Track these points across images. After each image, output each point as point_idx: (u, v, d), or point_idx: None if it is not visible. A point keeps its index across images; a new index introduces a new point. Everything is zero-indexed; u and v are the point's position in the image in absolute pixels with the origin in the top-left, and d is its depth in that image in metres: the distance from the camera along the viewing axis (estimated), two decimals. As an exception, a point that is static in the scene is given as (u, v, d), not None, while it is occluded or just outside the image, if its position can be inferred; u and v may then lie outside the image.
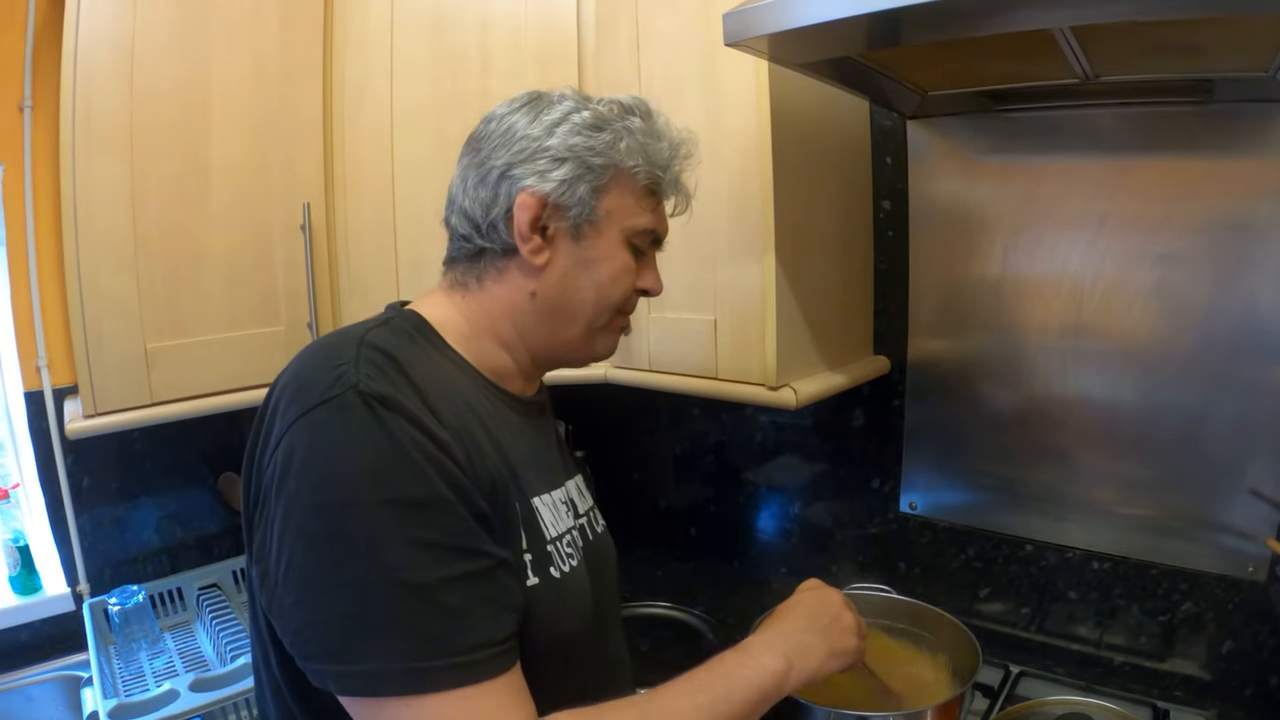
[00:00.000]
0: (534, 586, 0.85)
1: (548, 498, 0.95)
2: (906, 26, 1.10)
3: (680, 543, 2.30)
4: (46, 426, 1.81)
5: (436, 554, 0.73)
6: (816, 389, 1.53)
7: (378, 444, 0.74)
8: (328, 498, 0.73)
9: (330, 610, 0.72)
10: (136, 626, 1.76)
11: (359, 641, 0.71)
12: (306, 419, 0.75)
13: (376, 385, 0.76)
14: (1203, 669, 1.51)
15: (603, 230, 0.94)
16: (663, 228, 1.02)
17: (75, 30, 1.46)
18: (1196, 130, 1.42)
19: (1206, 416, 1.46)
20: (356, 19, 1.72)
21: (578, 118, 0.93)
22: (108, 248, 1.51)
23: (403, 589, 0.71)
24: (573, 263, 0.94)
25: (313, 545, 0.73)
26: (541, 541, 0.89)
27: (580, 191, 0.92)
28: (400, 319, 0.92)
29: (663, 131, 0.98)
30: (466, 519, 0.76)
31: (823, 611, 1.02)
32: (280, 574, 0.75)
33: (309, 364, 0.81)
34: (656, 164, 0.96)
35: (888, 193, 1.77)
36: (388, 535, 0.72)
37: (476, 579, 0.75)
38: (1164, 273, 1.47)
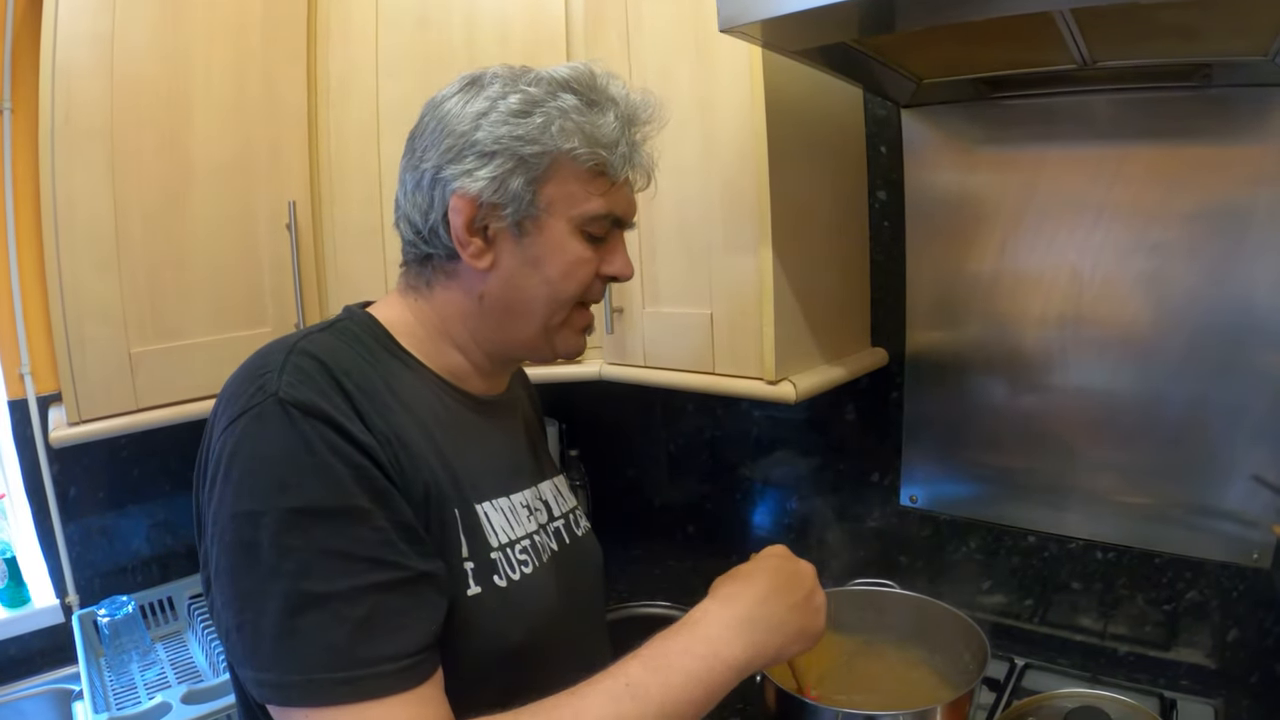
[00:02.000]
0: (475, 596, 0.82)
1: (503, 502, 0.92)
2: (907, 9, 1.08)
3: (677, 540, 2.28)
4: (31, 435, 1.78)
5: (345, 564, 0.71)
6: (815, 382, 1.51)
7: (291, 452, 0.72)
8: (242, 506, 0.72)
9: (243, 616, 0.71)
10: (127, 638, 1.73)
11: (267, 649, 0.70)
12: (231, 428, 0.74)
13: (296, 392, 0.74)
14: (1208, 657, 1.50)
15: (546, 224, 0.88)
16: (621, 208, 0.94)
17: (54, 29, 1.43)
18: (1194, 115, 1.40)
19: (1208, 404, 1.45)
20: (340, 13, 1.70)
21: (504, 105, 0.86)
22: (89, 251, 1.49)
23: (305, 599, 0.70)
24: (519, 261, 0.89)
25: (230, 553, 0.72)
26: (485, 549, 0.86)
27: (514, 186, 0.86)
28: (350, 321, 0.91)
29: (607, 104, 0.90)
30: (384, 529, 0.74)
31: (796, 587, 0.91)
32: (212, 580, 0.75)
33: (240, 373, 0.80)
34: (600, 143, 0.88)
35: (883, 183, 1.75)
36: (292, 544, 0.70)
37: (387, 590, 0.73)
38: (1163, 260, 1.46)
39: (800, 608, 0.90)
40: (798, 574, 0.94)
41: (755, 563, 0.95)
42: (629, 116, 0.91)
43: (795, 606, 0.89)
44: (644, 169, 0.95)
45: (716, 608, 0.85)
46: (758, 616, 0.85)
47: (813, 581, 0.94)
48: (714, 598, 0.88)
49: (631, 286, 1.64)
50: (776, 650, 0.87)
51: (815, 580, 0.95)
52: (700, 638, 0.82)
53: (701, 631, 0.82)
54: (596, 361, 1.75)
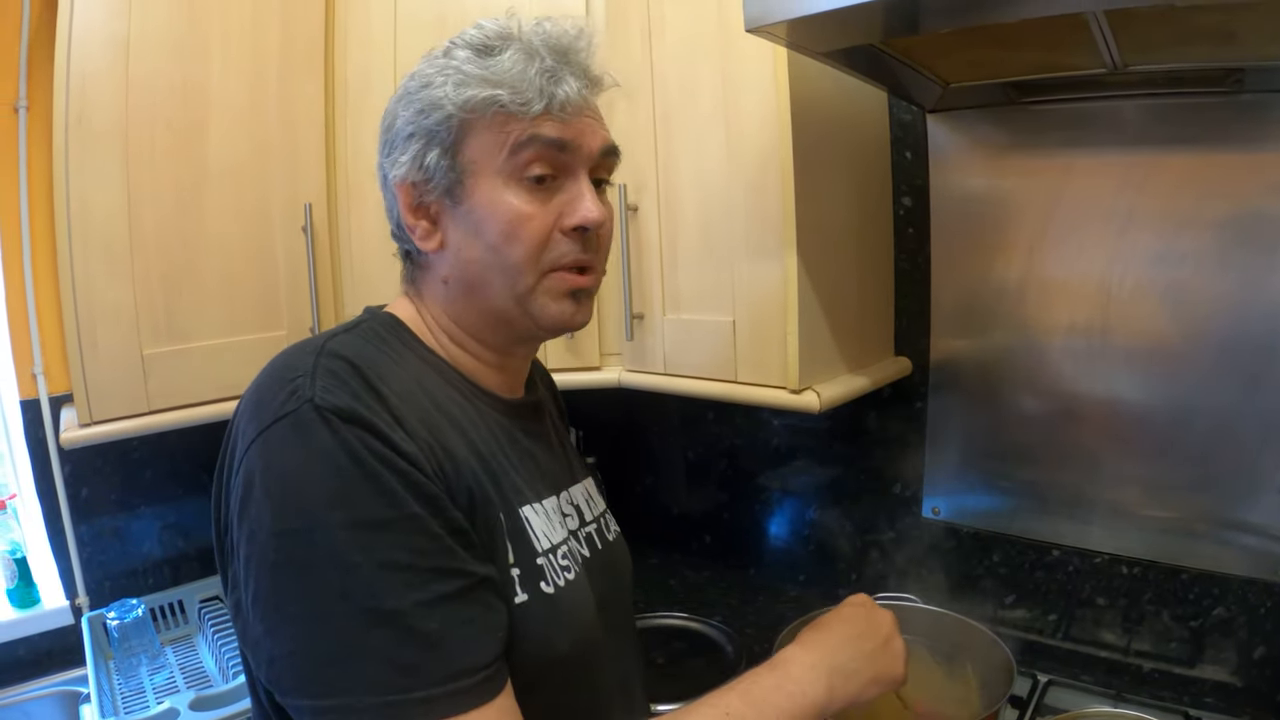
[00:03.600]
0: (523, 604, 0.79)
1: (540, 506, 0.89)
2: (932, 10, 1.06)
3: (694, 550, 2.26)
4: (43, 436, 1.78)
5: (409, 577, 0.68)
6: (839, 392, 1.49)
7: (337, 462, 0.68)
8: (288, 524, 0.68)
9: (299, 642, 0.68)
10: (136, 641, 1.73)
11: (330, 674, 0.66)
12: (262, 439, 0.70)
13: (334, 398, 0.71)
14: (1233, 675, 1.48)
15: (474, 186, 0.83)
16: (554, 131, 0.83)
17: (69, 28, 1.43)
18: (1226, 121, 1.38)
19: (1236, 416, 1.42)
20: (358, 15, 1.69)
21: (408, 86, 0.85)
22: (103, 251, 1.48)
23: (373, 617, 0.66)
24: (462, 233, 0.84)
25: (277, 575, 0.68)
26: (531, 555, 0.83)
27: (430, 159, 0.83)
28: (373, 321, 0.88)
29: (504, 44, 0.83)
30: (441, 535, 0.71)
31: (873, 633, 0.95)
32: (249, 604, 0.71)
33: (267, 378, 0.76)
34: (501, 83, 0.81)
35: (908, 189, 1.73)
36: (354, 560, 0.67)
37: (454, 600, 0.70)
38: (1193, 269, 1.43)
39: (875, 655, 0.93)
40: (875, 623, 0.97)
41: (837, 611, 0.99)
42: (540, 44, 0.83)
43: (871, 654, 0.93)
44: (568, 95, 0.83)
45: (800, 652, 0.90)
46: (836, 664, 0.90)
47: (890, 629, 0.97)
48: (798, 643, 0.92)
49: (652, 293, 1.62)
50: (855, 693, 0.90)
51: (893, 628, 0.98)
52: (789, 677, 0.86)
53: (791, 672, 0.87)
54: (616, 368, 1.73)
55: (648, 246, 1.62)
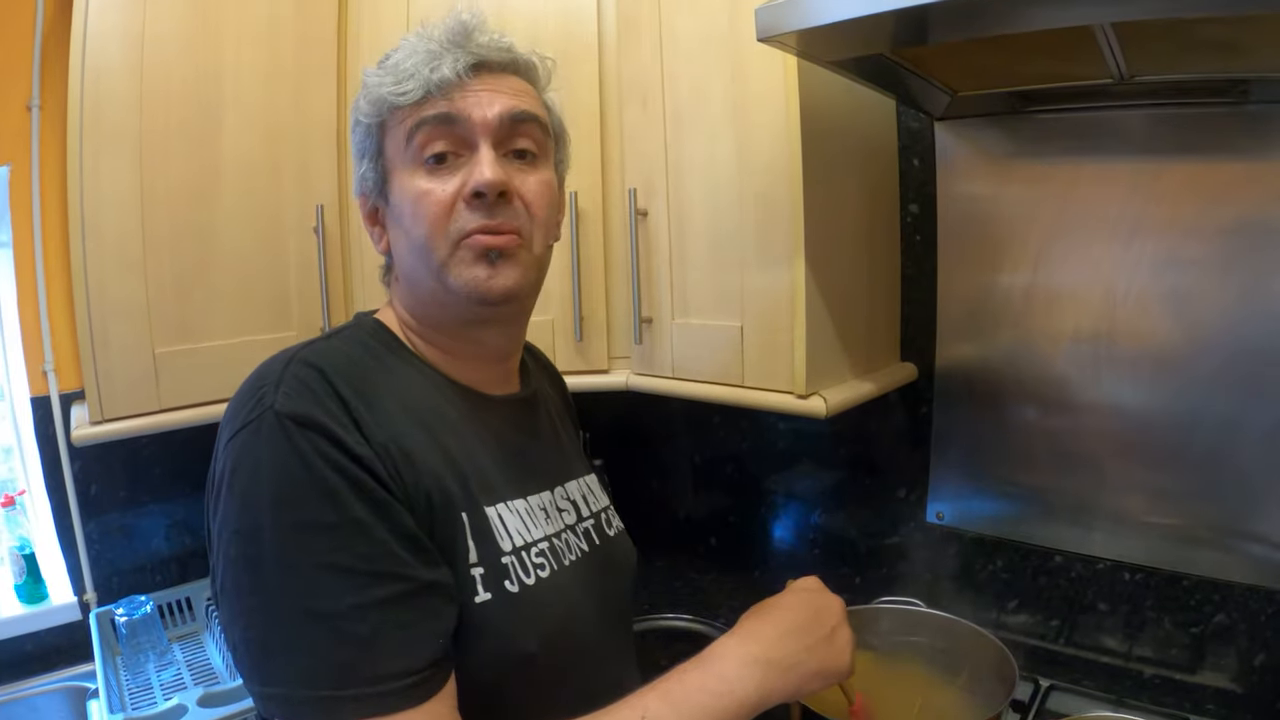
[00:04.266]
0: (484, 603, 0.80)
1: (520, 504, 0.90)
2: (951, 21, 1.07)
3: (700, 553, 2.27)
4: (53, 432, 1.79)
5: (346, 580, 0.71)
6: (846, 397, 1.49)
7: (288, 466, 0.72)
8: (243, 522, 0.72)
9: (250, 631, 0.72)
10: (144, 637, 1.73)
11: (273, 664, 0.71)
12: (232, 443, 0.75)
13: (293, 404, 0.74)
14: (1234, 681, 1.48)
15: (393, 182, 0.88)
16: (439, 108, 0.84)
17: (84, 28, 1.44)
18: (1231, 132, 1.38)
19: (1240, 424, 1.42)
20: (371, 20, 1.70)
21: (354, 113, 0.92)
22: (116, 250, 1.49)
23: (309, 615, 0.70)
24: (394, 229, 0.90)
25: (233, 569, 0.73)
26: (496, 553, 0.84)
27: (364, 169, 0.90)
28: (356, 327, 0.92)
29: (397, 50, 0.87)
30: (385, 540, 0.73)
31: (818, 624, 0.88)
32: (217, 594, 0.76)
33: (243, 387, 0.80)
34: (390, 81, 0.85)
35: (915, 196, 1.74)
36: (295, 561, 0.70)
37: (392, 604, 0.72)
38: (1198, 277, 1.43)
39: (817, 649, 0.87)
40: (822, 611, 0.90)
41: (782, 596, 0.93)
42: (425, 38, 0.86)
43: (812, 647, 0.86)
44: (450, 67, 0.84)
45: (735, 645, 0.84)
46: (773, 657, 0.83)
47: (837, 619, 0.91)
48: (735, 634, 0.86)
49: (661, 297, 1.63)
50: (794, 688, 0.84)
51: (841, 617, 0.92)
52: (716, 674, 0.80)
53: (717, 668, 0.81)
54: (624, 372, 1.74)
55: (657, 251, 1.63)
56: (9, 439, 1.89)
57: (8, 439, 1.89)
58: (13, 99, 1.72)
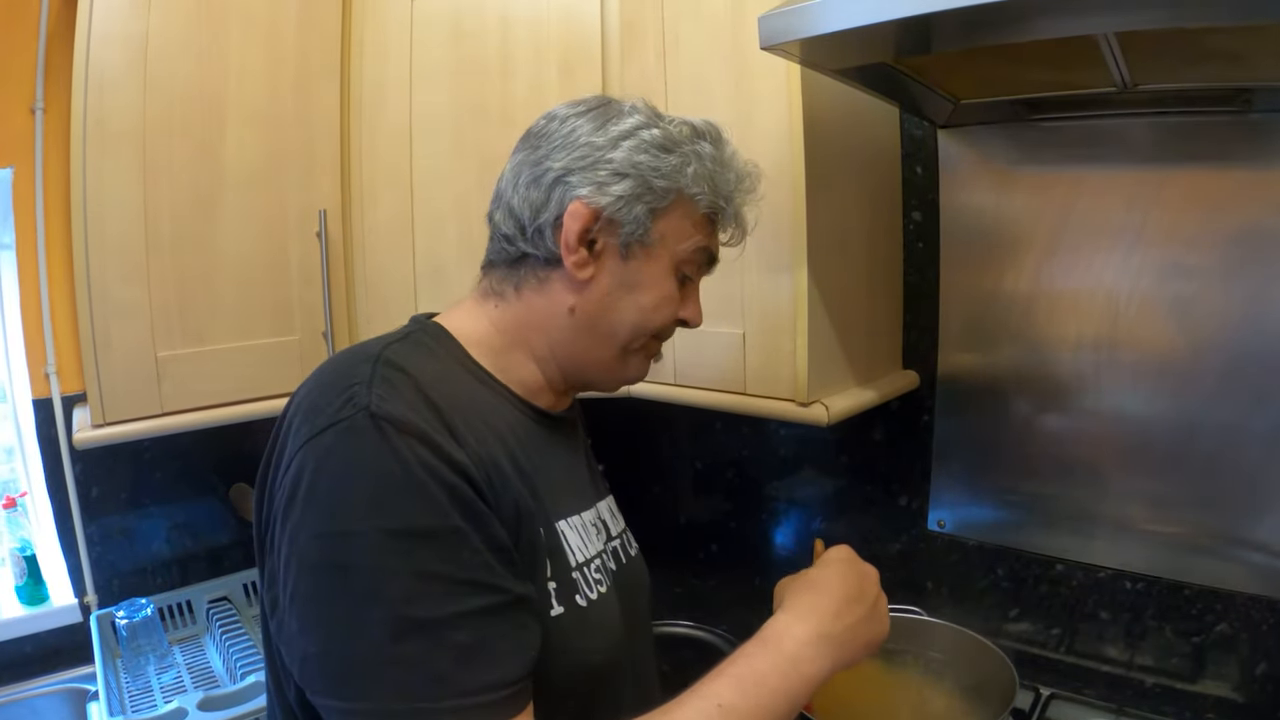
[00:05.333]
0: (558, 616, 0.81)
1: (576, 520, 0.91)
2: (954, 30, 1.07)
3: (701, 559, 2.26)
4: (55, 435, 1.79)
5: (446, 588, 0.69)
6: (848, 405, 1.49)
7: (386, 470, 0.69)
8: (331, 526, 0.69)
9: (332, 643, 0.69)
10: (144, 640, 1.73)
11: (360, 678, 0.67)
12: (315, 442, 0.72)
13: (389, 406, 0.72)
14: (1235, 691, 1.48)
15: (654, 254, 0.91)
16: (716, 249, 0.98)
17: (88, 31, 1.44)
18: (1234, 140, 1.39)
19: (1242, 432, 1.42)
20: (374, 22, 1.70)
21: (647, 135, 0.89)
22: (118, 253, 1.49)
23: (407, 625, 0.67)
24: (617, 282, 0.90)
25: (316, 576, 0.70)
26: (566, 568, 0.85)
27: (637, 211, 0.88)
28: (422, 332, 0.89)
29: (730, 160, 0.94)
30: (481, 550, 0.72)
31: (864, 595, 0.89)
32: (286, 602, 0.72)
33: (322, 382, 0.77)
34: (721, 193, 0.93)
35: (918, 203, 1.74)
36: (393, 567, 0.68)
37: (489, 615, 0.71)
38: (1200, 285, 1.43)
39: (868, 620, 0.89)
40: (864, 580, 0.92)
41: (824, 569, 0.93)
42: (741, 178, 0.95)
43: (864, 618, 0.88)
44: (743, 228, 0.99)
45: (796, 624, 0.84)
46: (833, 633, 0.84)
47: (876, 587, 0.93)
48: (790, 611, 0.86)
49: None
50: (849, 661, 0.86)
51: (878, 584, 0.94)
52: (786, 656, 0.81)
53: (787, 649, 0.81)
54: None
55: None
56: (10, 441, 1.89)
57: (9, 440, 1.89)
58: (17, 102, 1.72)
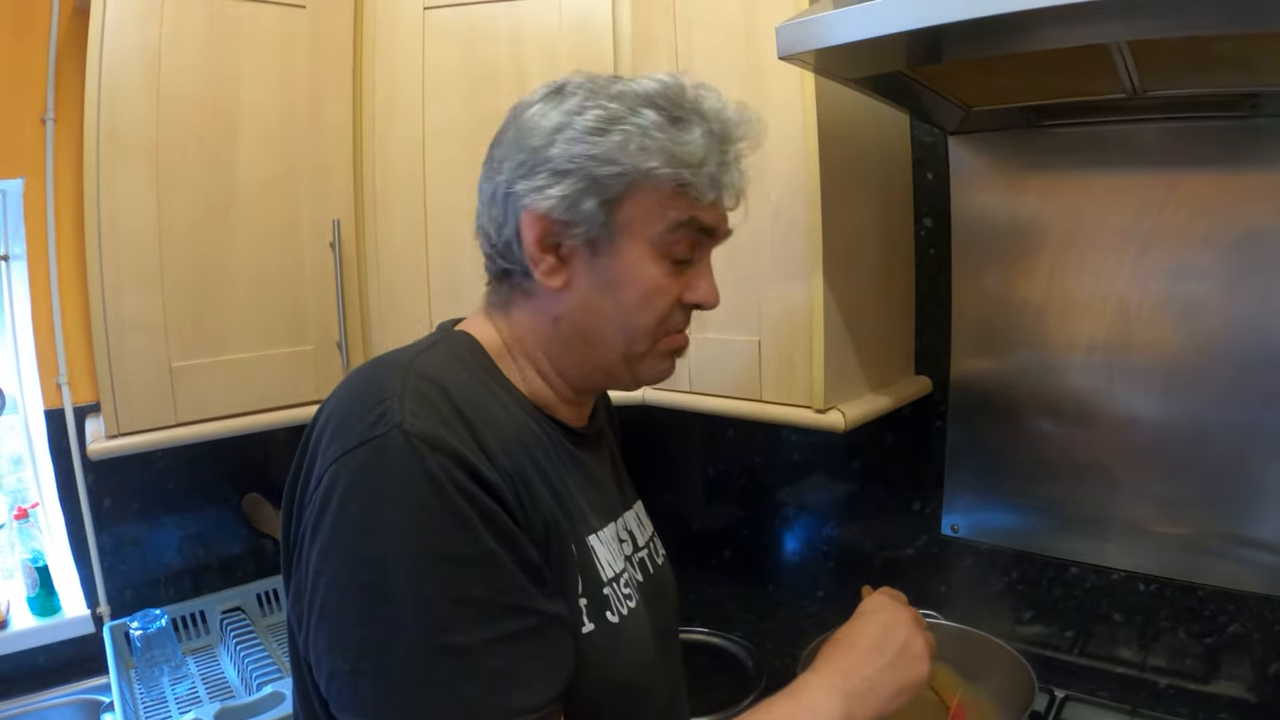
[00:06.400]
0: (589, 633, 0.80)
1: (604, 534, 0.89)
2: (967, 41, 1.07)
3: (714, 565, 2.26)
4: (67, 445, 1.79)
5: (480, 613, 0.68)
6: (863, 411, 1.50)
7: (420, 493, 0.68)
8: (364, 549, 0.68)
9: (362, 665, 0.67)
10: (158, 651, 1.73)
11: (391, 702, 0.67)
12: (347, 459, 0.70)
13: (422, 424, 0.70)
14: (1249, 691, 1.48)
15: (621, 245, 0.82)
16: (711, 218, 0.86)
17: (100, 41, 1.44)
18: (1241, 144, 1.39)
19: (1253, 434, 1.43)
20: (387, 32, 1.70)
21: (580, 121, 0.80)
22: (132, 263, 1.49)
23: (441, 650, 0.66)
24: (593, 283, 0.84)
25: (347, 596, 0.68)
26: (598, 584, 0.83)
27: (586, 207, 0.80)
28: (451, 340, 0.86)
29: (694, 119, 0.82)
30: (514, 573, 0.70)
31: (891, 639, 0.89)
32: (314, 620, 0.71)
33: (353, 395, 0.75)
34: (684, 161, 0.81)
35: (929, 210, 1.74)
36: (427, 593, 0.67)
37: (522, 639, 0.70)
38: (1211, 289, 1.44)
39: (893, 667, 0.87)
40: (890, 628, 0.90)
41: (848, 625, 0.93)
42: (720, 133, 0.84)
43: (886, 668, 0.87)
44: (733, 188, 0.86)
45: (816, 677, 0.85)
46: (852, 685, 0.84)
47: (908, 631, 0.91)
48: (815, 667, 0.87)
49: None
50: (879, 709, 0.85)
51: (912, 627, 0.91)
52: (804, 705, 0.82)
53: (804, 700, 0.82)
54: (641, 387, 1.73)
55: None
56: (22, 451, 1.88)
57: (21, 451, 1.89)
58: (27, 112, 1.72)
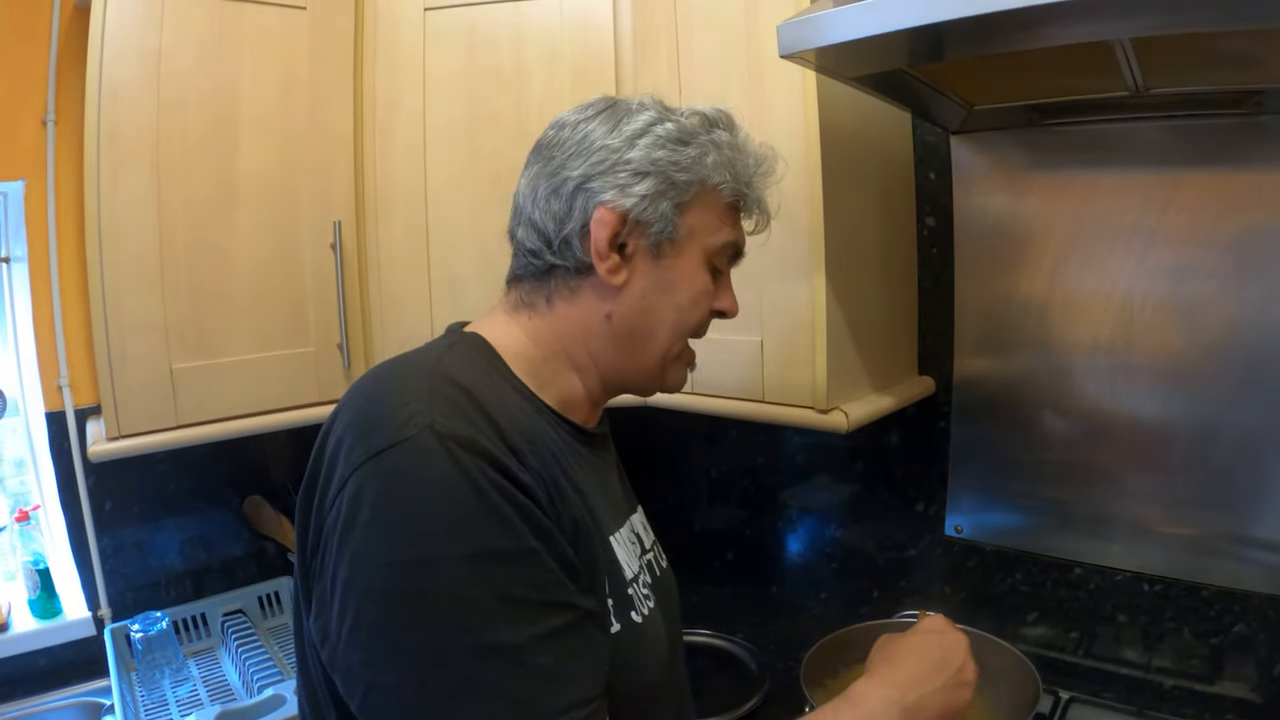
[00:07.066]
0: (617, 633, 0.80)
1: (620, 535, 0.90)
2: (969, 38, 1.07)
3: (716, 567, 2.25)
4: (68, 447, 1.79)
5: (525, 610, 0.68)
6: (866, 411, 1.49)
7: (459, 493, 0.67)
8: (404, 554, 0.66)
9: (407, 674, 0.66)
10: (159, 653, 1.73)
11: (442, 708, 0.65)
12: (376, 463, 0.69)
13: (454, 425, 0.70)
14: (1254, 692, 1.47)
15: (684, 249, 0.89)
16: (743, 241, 0.98)
17: (100, 42, 1.44)
18: (1245, 142, 1.39)
19: (1257, 433, 1.42)
20: (387, 33, 1.70)
21: (661, 130, 0.87)
22: (133, 266, 1.49)
23: (490, 651, 0.66)
24: (652, 283, 0.88)
25: (387, 605, 0.67)
26: (622, 584, 0.84)
27: (663, 208, 0.86)
28: (466, 343, 0.86)
29: (745, 145, 0.94)
30: (553, 569, 0.71)
31: (947, 665, 0.92)
32: (345, 632, 0.69)
33: (375, 398, 0.75)
34: (742, 179, 0.92)
35: (931, 209, 1.74)
36: (473, 594, 0.66)
37: (566, 634, 0.70)
38: (1215, 288, 1.44)
39: (948, 689, 0.91)
40: (949, 651, 0.94)
41: (912, 639, 0.97)
42: (759, 162, 0.95)
43: (944, 689, 0.90)
44: (766, 211, 0.99)
45: (875, 689, 0.88)
46: (909, 703, 0.87)
47: (963, 657, 0.95)
48: (874, 677, 0.90)
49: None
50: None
51: (967, 654, 0.96)
52: (865, 714, 0.85)
53: (865, 710, 0.85)
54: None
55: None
56: (23, 453, 1.88)
57: (22, 453, 1.89)
58: (28, 114, 1.73)
